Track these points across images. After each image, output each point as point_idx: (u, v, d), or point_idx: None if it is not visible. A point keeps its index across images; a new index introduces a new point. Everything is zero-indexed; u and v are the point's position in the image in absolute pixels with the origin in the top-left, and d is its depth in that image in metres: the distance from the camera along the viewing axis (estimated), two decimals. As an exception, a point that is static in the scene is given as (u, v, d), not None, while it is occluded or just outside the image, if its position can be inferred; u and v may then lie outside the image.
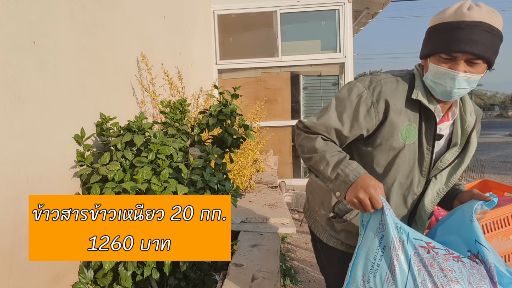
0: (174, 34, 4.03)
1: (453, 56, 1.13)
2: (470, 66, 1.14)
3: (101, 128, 2.25)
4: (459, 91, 1.16)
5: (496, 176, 7.24)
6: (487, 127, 23.17)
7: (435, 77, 1.17)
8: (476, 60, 1.12)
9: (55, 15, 1.92)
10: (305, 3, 5.88)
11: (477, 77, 1.15)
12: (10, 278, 1.55)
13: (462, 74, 1.13)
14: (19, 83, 1.64)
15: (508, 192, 1.73)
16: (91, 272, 1.93)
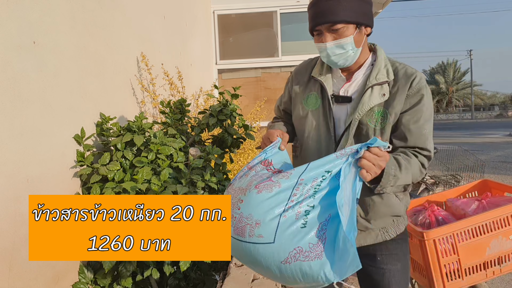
0: (174, 34, 4.03)
1: (318, 30, 1.24)
2: (335, 32, 1.22)
3: (101, 128, 2.25)
4: (338, 57, 1.25)
5: (496, 176, 7.24)
6: (487, 127, 23.18)
7: (319, 52, 1.30)
8: (334, 27, 1.20)
9: (55, 15, 1.92)
10: (305, 3, 5.87)
11: (346, 40, 1.22)
12: (10, 278, 1.55)
13: (330, 44, 1.23)
14: (19, 83, 1.64)
15: (508, 192, 1.73)
16: (91, 272, 1.93)
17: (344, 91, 1.34)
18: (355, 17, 1.22)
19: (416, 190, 3.42)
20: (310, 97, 1.40)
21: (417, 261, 1.56)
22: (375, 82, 1.27)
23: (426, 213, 1.60)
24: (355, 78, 1.33)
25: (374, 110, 1.28)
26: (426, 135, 1.26)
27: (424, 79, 1.29)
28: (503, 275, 1.57)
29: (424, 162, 1.26)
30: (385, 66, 1.31)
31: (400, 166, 1.18)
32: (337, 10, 1.19)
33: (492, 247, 1.48)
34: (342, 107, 1.33)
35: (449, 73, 42.86)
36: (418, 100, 1.25)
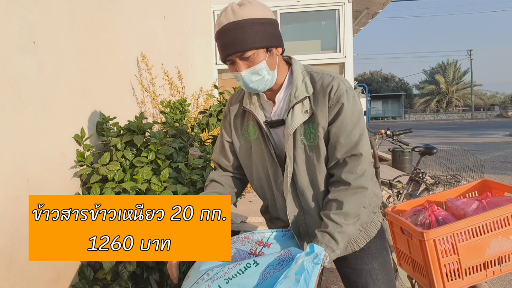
0: (174, 34, 4.03)
1: (229, 60, 1.21)
2: (246, 60, 1.19)
3: (101, 128, 2.25)
4: (257, 83, 1.23)
5: (496, 176, 7.24)
6: (487, 127, 23.18)
7: (237, 80, 1.27)
8: (244, 55, 1.18)
9: (55, 15, 1.92)
10: (305, 3, 5.87)
11: (260, 65, 1.20)
12: (10, 278, 1.55)
13: (244, 72, 1.20)
14: (19, 83, 1.64)
15: (508, 192, 1.72)
16: (91, 272, 1.93)
17: (274, 114, 1.32)
18: (263, 42, 1.19)
19: (416, 190, 3.42)
20: (249, 127, 1.38)
21: (417, 261, 1.56)
22: (295, 101, 1.25)
23: (426, 213, 1.60)
24: (278, 100, 1.31)
25: (305, 127, 1.26)
26: (356, 140, 1.22)
27: (342, 84, 1.24)
28: (503, 275, 1.57)
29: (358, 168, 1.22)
30: (303, 80, 1.28)
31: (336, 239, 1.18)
32: (243, 38, 1.16)
33: (492, 247, 1.48)
34: (278, 130, 1.33)
35: (449, 73, 42.86)
36: (339, 109, 1.22)
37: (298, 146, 1.28)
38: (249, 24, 1.16)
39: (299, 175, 1.30)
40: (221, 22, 1.18)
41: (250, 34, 1.16)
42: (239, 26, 1.16)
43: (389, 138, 3.44)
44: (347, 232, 1.21)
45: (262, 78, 1.23)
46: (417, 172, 3.41)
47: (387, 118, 41.20)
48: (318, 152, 1.27)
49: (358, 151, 1.22)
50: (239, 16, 1.17)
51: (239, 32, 1.16)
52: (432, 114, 42.47)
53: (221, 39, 1.19)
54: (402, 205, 1.81)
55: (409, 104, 46.07)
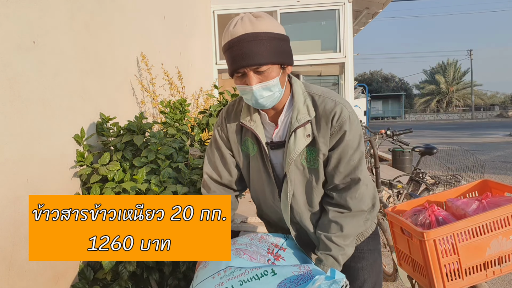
0: (174, 34, 4.03)
1: (241, 72, 1.15)
2: (261, 75, 1.15)
3: (101, 128, 2.25)
4: (266, 99, 1.19)
5: (496, 176, 7.24)
6: (487, 127, 23.18)
7: (242, 94, 1.22)
8: (259, 69, 1.13)
9: (55, 15, 1.92)
10: (305, 3, 5.87)
11: (273, 82, 1.16)
12: (10, 278, 1.55)
13: (256, 86, 1.15)
14: (19, 83, 1.64)
15: (508, 192, 1.72)
16: (91, 272, 1.93)
17: (276, 136, 1.30)
18: (280, 58, 1.16)
19: (416, 190, 3.42)
20: (247, 142, 1.35)
21: (417, 261, 1.56)
22: (297, 125, 1.22)
23: (426, 213, 1.60)
24: (281, 122, 1.29)
25: (305, 150, 1.25)
26: (356, 165, 1.23)
27: (345, 110, 1.22)
28: (503, 275, 1.57)
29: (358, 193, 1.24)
30: (304, 102, 1.25)
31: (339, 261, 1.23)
32: (261, 51, 1.12)
33: (492, 247, 1.48)
34: (278, 151, 1.30)
35: (449, 73, 42.84)
36: (341, 137, 1.21)
37: (297, 168, 1.27)
38: (268, 37, 1.13)
39: (296, 196, 1.30)
40: (237, 32, 1.12)
41: (268, 48, 1.13)
42: (258, 38, 1.12)
43: (389, 138, 3.43)
44: (347, 253, 1.26)
45: (272, 95, 1.19)
46: (417, 172, 3.41)
47: (387, 118, 41.19)
48: (317, 175, 1.27)
49: (356, 176, 1.23)
50: (258, 28, 1.12)
51: (257, 44, 1.11)
52: (432, 114, 42.46)
53: (235, 49, 1.13)
54: (402, 205, 1.81)
55: (409, 104, 46.06)
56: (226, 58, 1.19)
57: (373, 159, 3.01)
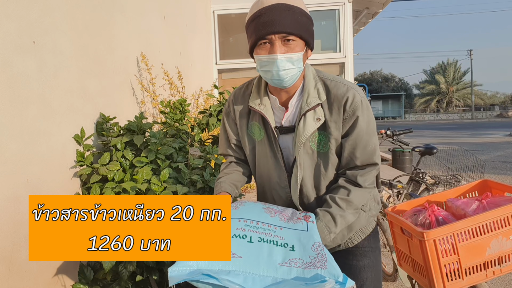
0: (174, 34, 4.03)
1: (268, 39, 1.14)
2: (287, 45, 1.14)
3: (101, 128, 2.25)
4: (286, 72, 1.17)
5: (496, 176, 7.24)
6: (487, 127, 23.18)
7: (262, 66, 1.19)
8: (289, 37, 1.13)
9: (55, 15, 1.92)
10: (305, 3, 5.86)
11: (297, 55, 1.16)
12: (10, 278, 1.55)
13: (281, 56, 1.14)
14: (19, 83, 1.64)
15: (508, 192, 1.72)
16: (91, 272, 1.93)
17: (286, 120, 1.29)
18: (308, 35, 1.17)
19: (416, 190, 3.42)
20: (254, 127, 1.34)
21: (417, 261, 1.56)
22: (307, 108, 1.22)
23: (426, 213, 1.60)
24: (291, 106, 1.28)
25: (315, 134, 1.25)
26: (372, 151, 1.24)
27: (357, 95, 1.22)
28: (503, 275, 1.57)
29: (370, 174, 1.26)
30: (315, 86, 1.25)
31: (336, 221, 1.20)
32: (293, 21, 1.13)
33: (492, 247, 1.48)
34: (288, 136, 1.30)
35: (449, 73, 42.85)
36: (354, 122, 1.21)
37: (306, 151, 1.27)
38: (299, 12, 1.15)
39: (305, 180, 1.30)
40: (270, 1, 1.13)
41: (300, 21, 1.14)
42: (291, 9, 1.13)
43: (389, 138, 3.43)
44: (346, 218, 1.23)
45: (293, 70, 1.18)
46: (417, 172, 3.41)
47: (387, 118, 41.20)
48: (327, 160, 1.27)
49: (374, 161, 1.25)
50: (292, 1, 1.15)
51: (290, 14, 1.12)
52: (432, 114, 42.47)
53: (267, 15, 1.12)
54: (402, 205, 1.81)
55: (409, 104, 46.08)
56: (252, 28, 1.17)
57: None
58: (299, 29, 1.14)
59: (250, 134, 1.37)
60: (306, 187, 1.30)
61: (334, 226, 1.21)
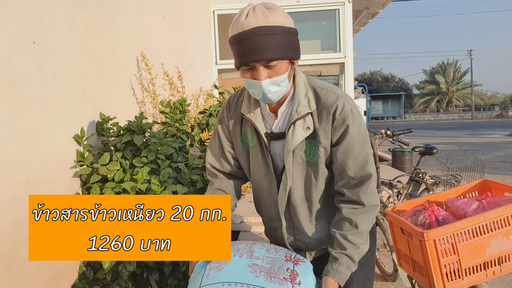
0: (174, 34, 4.03)
1: (250, 66, 1.13)
2: (271, 69, 1.13)
3: (101, 128, 2.25)
4: (274, 94, 1.17)
5: (496, 176, 7.24)
6: (487, 127, 23.18)
7: (248, 87, 1.20)
8: (270, 63, 1.11)
9: (55, 15, 1.92)
10: (305, 3, 5.87)
11: (281, 77, 1.15)
12: (10, 278, 1.55)
13: (265, 82, 1.13)
14: (19, 83, 1.64)
15: (508, 192, 1.72)
16: (91, 272, 1.93)
17: (276, 127, 1.29)
18: (290, 53, 1.14)
19: (416, 190, 3.42)
20: (247, 133, 1.34)
21: (417, 261, 1.56)
22: (297, 117, 1.21)
23: (426, 213, 1.60)
24: (281, 113, 1.27)
25: (305, 143, 1.24)
26: (365, 160, 1.22)
27: (347, 103, 1.21)
28: (503, 275, 1.57)
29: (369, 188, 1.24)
30: (306, 95, 1.24)
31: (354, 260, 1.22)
32: (274, 46, 1.09)
33: (492, 247, 1.48)
34: (278, 142, 1.29)
35: (449, 73, 42.85)
36: (344, 131, 1.20)
37: (297, 161, 1.26)
38: (280, 31, 1.10)
39: (294, 189, 1.29)
40: (249, 24, 1.08)
41: (281, 42, 1.10)
42: (271, 32, 1.09)
43: (389, 138, 3.43)
44: (362, 251, 1.24)
45: (280, 90, 1.18)
46: (417, 172, 3.41)
47: (387, 118, 41.19)
48: (317, 170, 1.26)
49: (367, 171, 1.22)
50: (271, 21, 1.09)
51: (270, 39, 1.09)
52: (432, 114, 42.47)
53: (247, 42, 1.09)
54: (402, 205, 1.81)
55: (409, 104, 46.07)
56: (234, 50, 1.15)
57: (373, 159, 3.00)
58: (281, 52, 1.11)
59: (244, 139, 1.36)
60: (294, 196, 1.30)
61: (354, 264, 1.22)
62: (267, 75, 1.13)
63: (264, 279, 1.15)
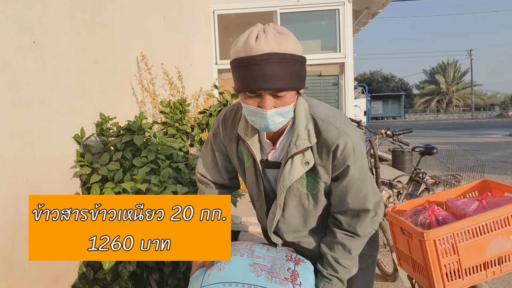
0: (174, 34, 4.03)
1: (257, 93, 1.04)
2: (278, 99, 1.05)
3: (101, 128, 2.24)
4: (277, 125, 1.10)
5: (496, 176, 7.24)
6: (487, 127, 23.18)
7: (249, 114, 1.11)
8: (279, 93, 1.04)
9: (55, 15, 1.92)
10: (305, 3, 5.87)
11: (288, 108, 1.08)
12: (10, 278, 1.55)
13: (271, 112, 1.05)
14: (19, 83, 1.64)
15: (508, 192, 1.72)
16: (91, 272, 1.93)
17: (272, 156, 1.23)
18: (299, 83, 1.07)
19: (416, 190, 3.42)
20: (243, 152, 1.29)
21: (417, 261, 1.56)
22: (295, 151, 1.14)
23: (426, 213, 1.60)
24: (279, 144, 1.21)
25: (303, 176, 1.19)
26: (364, 196, 1.19)
27: (349, 142, 1.12)
28: (503, 275, 1.57)
29: (366, 221, 1.23)
30: (306, 127, 1.15)
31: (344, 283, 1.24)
32: (285, 76, 1.01)
33: (492, 247, 1.48)
34: (273, 170, 1.25)
35: (449, 73, 42.84)
36: (345, 170, 1.15)
37: (293, 193, 1.22)
38: (292, 60, 1.03)
39: (288, 219, 1.27)
40: (261, 48, 0.99)
41: (293, 72, 1.03)
42: (284, 60, 1.01)
43: (389, 138, 3.43)
44: (353, 273, 1.26)
45: (283, 121, 1.10)
46: (417, 172, 3.41)
47: (387, 118, 41.18)
48: (317, 201, 1.24)
49: (366, 207, 1.20)
50: (284, 48, 1.01)
51: (282, 67, 1.01)
52: (432, 114, 42.45)
53: (257, 69, 1.00)
54: (402, 205, 1.81)
55: (409, 104, 46.06)
56: (239, 74, 1.05)
57: (373, 159, 3.01)
58: (292, 82, 1.04)
59: (240, 157, 1.31)
60: (287, 226, 1.29)
61: (344, 285, 1.25)
62: (273, 105, 1.05)
63: (265, 278, 1.15)
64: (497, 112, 41.88)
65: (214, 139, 1.37)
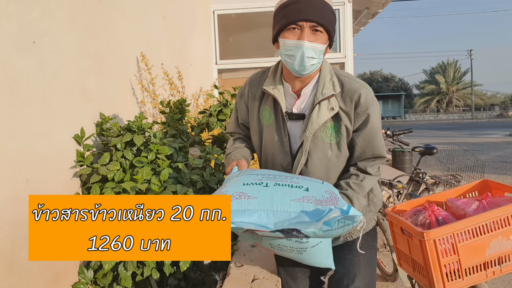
0: (174, 34, 4.03)
1: (298, 25, 1.20)
2: (314, 35, 1.21)
3: (101, 128, 2.24)
4: (309, 60, 1.23)
5: (496, 176, 7.24)
6: (487, 127, 23.17)
7: (287, 50, 1.24)
8: (318, 27, 1.20)
9: (55, 15, 1.92)
10: (305, 3, 5.87)
11: (321, 46, 1.23)
12: (10, 278, 1.55)
13: (308, 43, 1.20)
14: (19, 83, 1.64)
15: (508, 192, 1.72)
16: (91, 272, 1.93)
17: (296, 108, 1.34)
18: (332, 31, 1.25)
19: (416, 190, 3.42)
20: (264, 111, 1.40)
21: (417, 261, 1.56)
22: (322, 98, 1.28)
23: (426, 213, 1.60)
24: (304, 94, 1.33)
25: (327, 125, 1.30)
26: (382, 145, 1.33)
27: (369, 93, 1.31)
28: (503, 275, 1.57)
29: (376, 166, 1.36)
30: (331, 78, 1.32)
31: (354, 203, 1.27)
32: (324, 15, 1.20)
33: (492, 247, 1.48)
34: (296, 123, 1.35)
35: (449, 73, 42.84)
36: (366, 118, 1.29)
37: (317, 142, 1.31)
38: (330, 9, 1.22)
39: (312, 170, 1.33)
40: None
41: (329, 16, 1.21)
42: (324, 4, 1.20)
43: (389, 138, 3.44)
44: (361, 201, 1.32)
45: (314, 59, 1.24)
46: (417, 172, 3.41)
47: (387, 118, 41.17)
48: (339, 150, 1.32)
49: (383, 154, 1.33)
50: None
51: (323, 7, 1.19)
52: (432, 114, 42.46)
53: (301, 3, 1.18)
54: (402, 205, 1.81)
55: (409, 104, 46.07)
56: (282, 13, 1.22)
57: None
58: (328, 23, 1.21)
59: (260, 117, 1.42)
60: (311, 175, 1.34)
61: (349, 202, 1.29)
62: (312, 39, 1.21)
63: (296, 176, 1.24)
64: (497, 112, 41.88)
65: (239, 99, 1.52)
